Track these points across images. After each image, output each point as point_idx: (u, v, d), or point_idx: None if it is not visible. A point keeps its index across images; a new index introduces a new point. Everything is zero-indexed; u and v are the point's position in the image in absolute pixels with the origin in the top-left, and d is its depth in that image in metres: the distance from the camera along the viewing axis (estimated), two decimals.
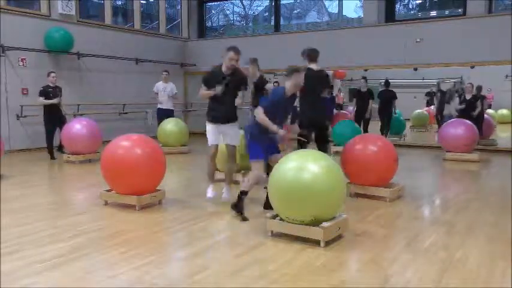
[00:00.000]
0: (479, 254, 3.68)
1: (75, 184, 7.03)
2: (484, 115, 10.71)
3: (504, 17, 9.85)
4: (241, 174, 6.35)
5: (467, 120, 8.93)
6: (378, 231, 4.33)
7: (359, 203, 5.35)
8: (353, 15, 15.75)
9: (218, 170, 6.56)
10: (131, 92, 12.33)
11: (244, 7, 16.94)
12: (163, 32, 14.09)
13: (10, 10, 9.93)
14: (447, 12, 12.32)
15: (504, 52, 9.64)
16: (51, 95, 8.60)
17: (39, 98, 8.60)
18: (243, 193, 4.66)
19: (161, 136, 9.66)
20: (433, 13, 12.79)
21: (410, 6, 14.04)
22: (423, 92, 16.71)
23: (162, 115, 10.25)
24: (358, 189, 5.64)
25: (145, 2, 15.04)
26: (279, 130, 4.54)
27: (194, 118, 14.02)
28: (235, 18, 17.40)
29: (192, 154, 9.60)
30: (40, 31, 10.23)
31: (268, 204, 4.54)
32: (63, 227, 4.41)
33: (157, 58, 13.03)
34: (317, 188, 3.71)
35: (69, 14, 10.89)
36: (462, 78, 14.40)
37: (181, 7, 14.75)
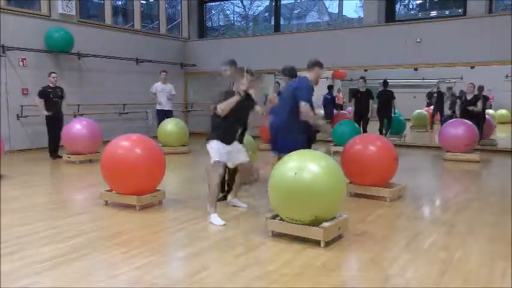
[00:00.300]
0: (479, 254, 3.68)
1: (75, 184, 7.03)
2: (485, 115, 10.71)
3: (504, 17, 9.85)
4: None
5: (468, 120, 8.93)
6: (378, 231, 4.33)
7: (359, 203, 5.35)
8: (353, 15, 15.75)
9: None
10: (131, 92, 12.33)
11: (244, 7, 16.94)
12: (163, 32, 14.09)
13: (10, 10, 9.93)
14: (447, 12, 12.32)
15: (504, 52, 9.64)
16: (51, 96, 8.59)
17: (36, 99, 8.59)
18: None
19: (161, 136, 9.66)
20: (433, 13, 12.78)
21: (410, 6, 14.03)
22: (423, 92, 16.72)
23: (162, 116, 10.26)
24: (358, 189, 5.64)
25: (145, 2, 15.05)
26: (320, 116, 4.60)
27: (194, 118, 14.04)
28: (235, 18, 17.41)
29: (192, 154, 9.60)
30: (40, 31, 10.24)
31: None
32: (63, 227, 4.41)
33: (157, 58, 13.03)
34: (317, 188, 3.71)
35: (69, 14, 10.89)
36: (462, 78, 14.41)
37: (181, 7, 14.75)
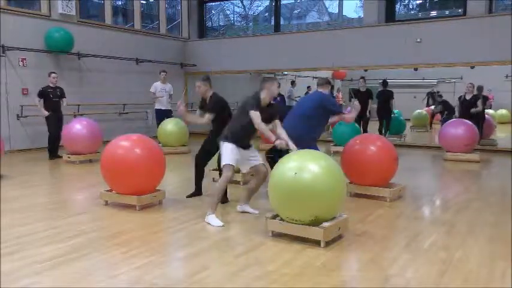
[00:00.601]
0: (479, 254, 3.68)
1: (75, 184, 7.03)
2: (485, 115, 10.71)
3: (504, 17, 9.85)
4: (241, 174, 6.34)
5: (467, 120, 8.93)
6: (378, 231, 4.33)
7: (359, 203, 5.35)
8: (353, 15, 15.76)
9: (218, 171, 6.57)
10: (131, 92, 12.33)
11: (244, 7, 16.94)
12: (163, 32, 14.08)
13: (10, 10, 9.93)
14: (447, 12, 12.31)
15: (504, 52, 9.64)
16: (50, 96, 8.59)
17: (36, 99, 8.61)
18: None
19: (161, 136, 9.66)
20: (433, 13, 12.78)
21: (410, 6, 14.03)
22: (423, 92, 16.73)
23: (162, 116, 10.25)
24: (358, 189, 5.64)
25: (145, 2, 15.04)
26: None
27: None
28: (235, 18, 17.41)
29: (192, 154, 9.53)
30: (40, 31, 10.24)
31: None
32: (63, 227, 4.41)
33: (157, 58, 13.03)
34: (317, 188, 3.71)
35: (69, 14, 10.89)
36: (462, 78, 14.43)
37: (181, 7, 14.74)
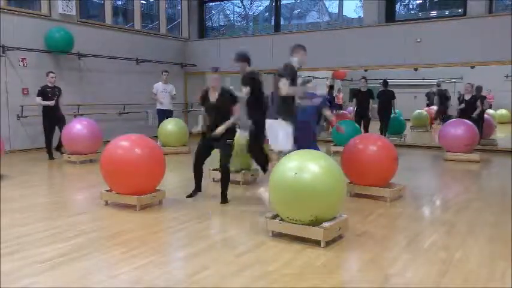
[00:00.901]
0: (479, 254, 3.68)
1: (75, 184, 7.03)
2: (485, 115, 10.71)
3: (504, 17, 9.84)
4: (241, 174, 6.35)
5: (467, 120, 8.93)
6: (378, 231, 4.33)
7: (359, 203, 5.35)
8: (353, 15, 15.74)
9: (218, 170, 6.57)
10: (132, 92, 12.32)
11: (244, 7, 16.93)
12: (163, 32, 14.08)
13: (10, 10, 9.92)
14: (447, 12, 12.30)
15: (504, 52, 9.63)
16: (49, 95, 8.60)
17: (36, 98, 8.64)
18: None
19: (161, 136, 9.66)
20: (433, 13, 12.77)
21: (410, 6, 14.03)
22: (423, 92, 16.72)
23: (162, 116, 10.26)
24: (358, 189, 5.64)
25: (145, 2, 15.04)
26: None
27: (194, 118, 14.02)
28: (235, 18, 17.40)
29: (192, 154, 9.55)
30: (40, 31, 10.23)
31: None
32: (63, 227, 4.41)
33: (157, 58, 13.02)
34: (317, 188, 3.71)
35: (69, 14, 10.88)
36: (462, 78, 14.43)
37: (181, 7, 14.74)
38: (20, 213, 4.94)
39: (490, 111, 14.12)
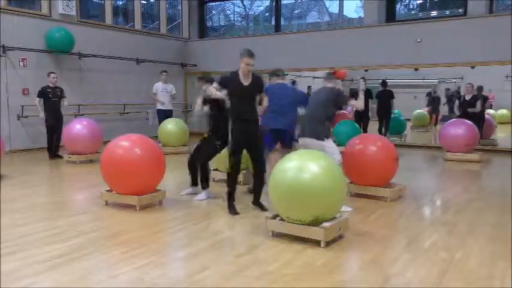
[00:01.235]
0: (479, 254, 3.67)
1: (75, 184, 7.03)
2: (485, 115, 10.71)
3: (504, 17, 9.84)
4: (241, 174, 6.33)
5: (467, 120, 8.92)
6: (379, 231, 4.33)
7: (359, 203, 5.35)
8: (353, 15, 15.72)
9: (219, 170, 6.58)
10: (132, 92, 12.34)
11: (244, 7, 16.93)
12: (163, 32, 14.09)
13: (11, 10, 9.93)
14: (448, 12, 12.30)
15: (504, 52, 9.63)
16: (50, 96, 8.60)
17: (36, 99, 8.64)
18: None
19: (161, 136, 9.66)
20: (434, 13, 12.77)
21: (410, 6, 14.02)
22: (423, 92, 16.71)
23: (163, 115, 10.27)
24: (358, 189, 5.64)
25: (146, 2, 15.04)
26: None
27: (194, 118, 13.99)
28: (235, 18, 17.39)
29: None
30: (41, 31, 10.24)
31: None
32: (63, 227, 4.41)
33: (157, 58, 13.03)
34: (317, 188, 3.71)
35: (69, 14, 10.89)
36: (462, 78, 14.41)
37: (181, 7, 14.75)
38: (20, 213, 4.94)
39: (491, 111, 14.12)
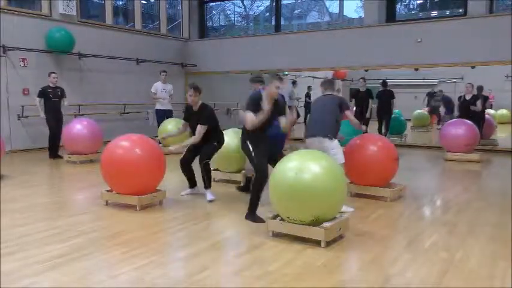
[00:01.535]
0: (480, 254, 3.67)
1: (75, 184, 7.03)
2: (485, 115, 10.71)
3: (505, 17, 9.83)
4: (241, 174, 6.35)
5: (467, 120, 8.92)
6: (379, 231, 4.33)
7: (360, 203, 5.34)
8: (354, 15, 15.74)
9: (219, 170, 6.58)
10: (132, 92, 12.33)
11: (245, 7, 16.93)
12: (164, 32, 14.08)
13: (11, 10, 9.93)
14: (448, 12, 12.30)
15: (504, 52, 9.62)
16: (50, 96, 8.61)
17: (36, 99, 8.65)
18: None
19: (162, 136, 9.65)
20: (434, 13, 12.77)
21: (411, 6, 14.02)
22: (424, 92, 16.73)
23: (162, 116, 10.26)
24: (358, 189, 5.64)
25: (146, 2, 15.04)
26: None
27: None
28: (236, 18, 17.40)
29: None
30: (41, 31, 10.24)
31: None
32: (63, 227, 4.41)
33: (158, 58, 13.03)
34: (318, 188, 3.71)
35: (70, 14, 10.89)
36: (463, 78, 14.42)
37: (182, 7, 14.74)
38: (20, 213, 4.94)
39: (491, 111, 14.12)
